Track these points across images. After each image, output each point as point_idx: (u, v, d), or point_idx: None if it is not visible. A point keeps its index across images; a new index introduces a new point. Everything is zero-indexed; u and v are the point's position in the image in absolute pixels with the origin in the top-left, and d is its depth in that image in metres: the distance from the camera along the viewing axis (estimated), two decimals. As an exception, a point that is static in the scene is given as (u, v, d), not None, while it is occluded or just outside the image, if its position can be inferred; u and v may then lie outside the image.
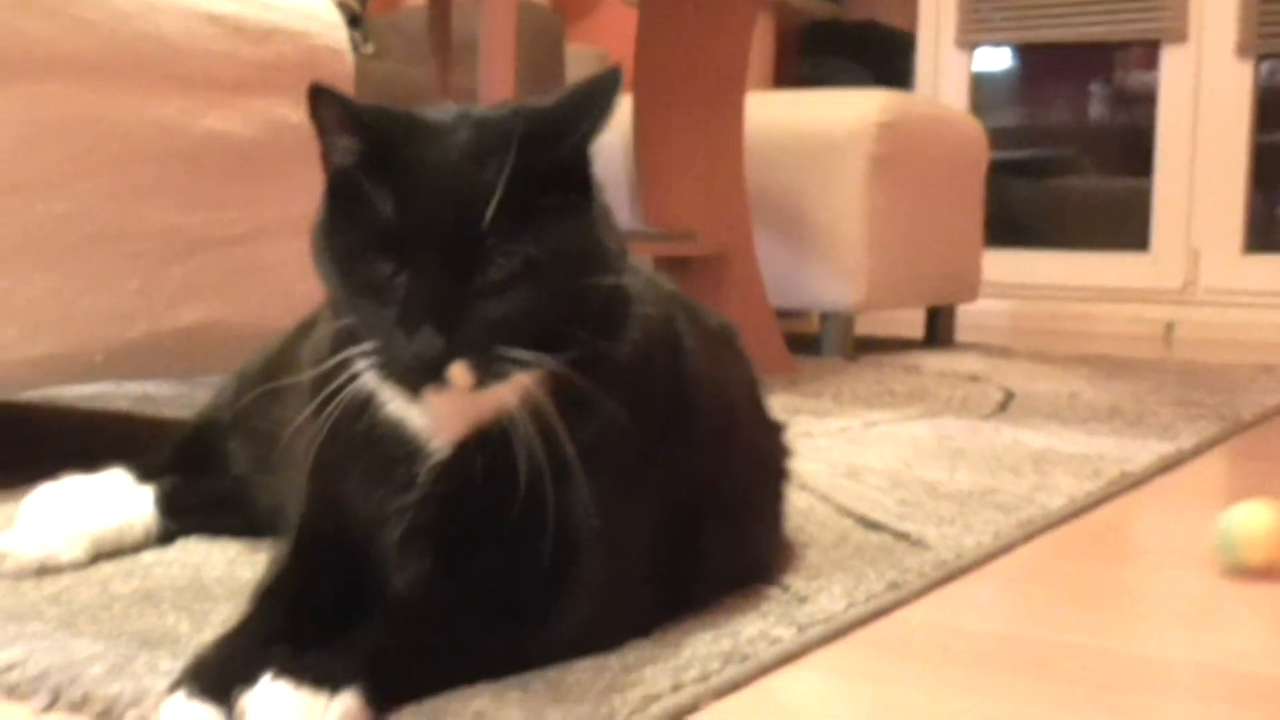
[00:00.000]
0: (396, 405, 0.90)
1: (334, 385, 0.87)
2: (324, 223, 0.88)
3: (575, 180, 0.87)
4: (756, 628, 0.98)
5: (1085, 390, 2.54)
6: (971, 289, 3.59)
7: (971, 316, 3.80)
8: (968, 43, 4.89)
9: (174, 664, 0.84)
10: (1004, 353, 3.34)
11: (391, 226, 0.82)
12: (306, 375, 0.97)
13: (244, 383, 1.28)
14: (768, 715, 0.87)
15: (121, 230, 1.44)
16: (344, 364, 0.87)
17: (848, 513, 1.39)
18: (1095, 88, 5.31)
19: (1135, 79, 5.09)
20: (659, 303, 0.98)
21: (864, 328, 3.47)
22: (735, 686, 0.89)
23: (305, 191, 0.98)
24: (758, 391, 1.17)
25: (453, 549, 0.90)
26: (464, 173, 0.83)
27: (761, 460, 1.14)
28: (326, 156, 0.87)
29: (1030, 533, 1.36)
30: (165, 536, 1.22)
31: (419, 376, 0.82)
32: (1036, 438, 1.94)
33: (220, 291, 1.54)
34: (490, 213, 0.81)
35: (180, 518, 1.23)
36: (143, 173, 1.45)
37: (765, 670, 0.92)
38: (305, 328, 1.15)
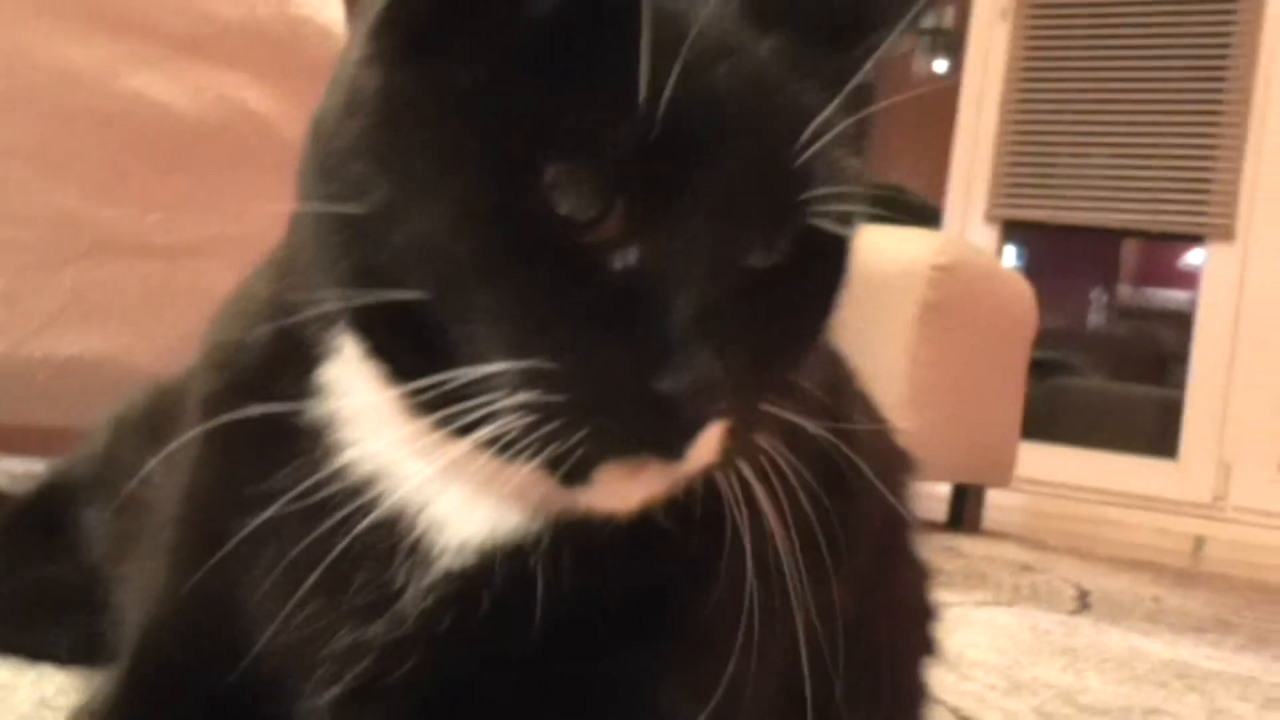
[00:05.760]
0: (386, 456, 0.48)
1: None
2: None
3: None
4: None
5: (1166, 595, 2.12)
6: (1005, 472, 3.18)
7: (986, 508, 3.36)
8: (997, 218, 4.60)
9: None
10: (1041, 546, 2.92)
11: (644, 110, 0.41)
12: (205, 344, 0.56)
13: (120, 430, 0.85)
14: None
15: (-8, 206, 1.03)
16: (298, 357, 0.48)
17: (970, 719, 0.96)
18: (1104, 289, 5.08)
19: (1149, 282, 4.84)
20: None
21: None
22: None
23: (259, 206, 0.64)
24: (908, 515, 0.74)
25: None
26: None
27: (912, 611, 0.72)
28: None
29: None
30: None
31: (665, 434, 0.43)
32: (1154, 645, 1.51)
33: (122, 316, 1.12)
34: (810, 136, 0.44)
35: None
36: (37, 129, 1.05)
37: None
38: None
